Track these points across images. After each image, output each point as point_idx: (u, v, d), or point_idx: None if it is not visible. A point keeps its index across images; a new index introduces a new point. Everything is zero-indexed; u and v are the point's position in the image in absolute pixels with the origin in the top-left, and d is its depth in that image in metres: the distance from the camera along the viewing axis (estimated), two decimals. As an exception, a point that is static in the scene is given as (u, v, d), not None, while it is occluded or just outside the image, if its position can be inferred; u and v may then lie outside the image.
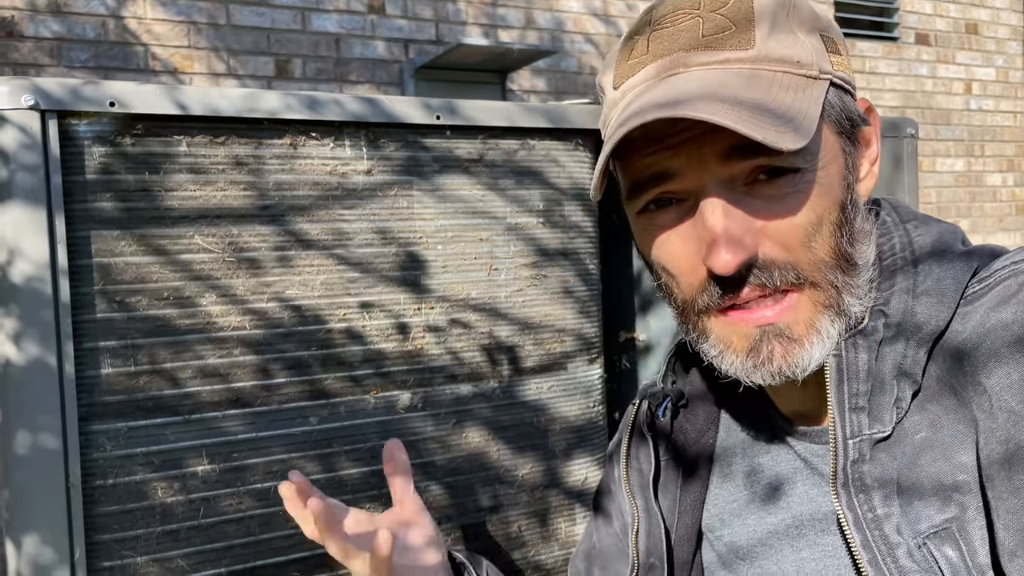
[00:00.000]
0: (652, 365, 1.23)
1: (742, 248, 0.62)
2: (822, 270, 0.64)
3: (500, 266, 1.04)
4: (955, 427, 0.62)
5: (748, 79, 0.62)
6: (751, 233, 0.63)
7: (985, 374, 0.60)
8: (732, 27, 0.64)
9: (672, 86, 0.63)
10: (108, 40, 3.28)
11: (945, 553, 0.60)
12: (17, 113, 0.80)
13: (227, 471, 0.90)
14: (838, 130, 0.66)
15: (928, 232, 0.70)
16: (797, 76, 0.64)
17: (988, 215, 5.74)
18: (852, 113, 0.67)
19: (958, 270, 0.67)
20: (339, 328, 0.95)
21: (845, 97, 0.67)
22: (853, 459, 0.64)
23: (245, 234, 0.90)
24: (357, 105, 0.94)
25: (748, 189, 0.63)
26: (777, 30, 0.64)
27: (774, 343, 0.65)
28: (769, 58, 0.64)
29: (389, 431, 0.98)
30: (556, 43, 4.16)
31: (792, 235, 0.63)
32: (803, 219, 0.63)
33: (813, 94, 0.64)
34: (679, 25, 0.65)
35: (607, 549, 0.89)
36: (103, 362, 0.84)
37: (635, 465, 0.82)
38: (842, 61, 0.68)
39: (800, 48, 0.65)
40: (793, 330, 0.65)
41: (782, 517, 0.74)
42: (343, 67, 3.70)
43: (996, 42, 5.85)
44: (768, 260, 0.63)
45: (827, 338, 0.65)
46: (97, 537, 0.84)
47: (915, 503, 0.61)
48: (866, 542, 0.62)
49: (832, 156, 0.65)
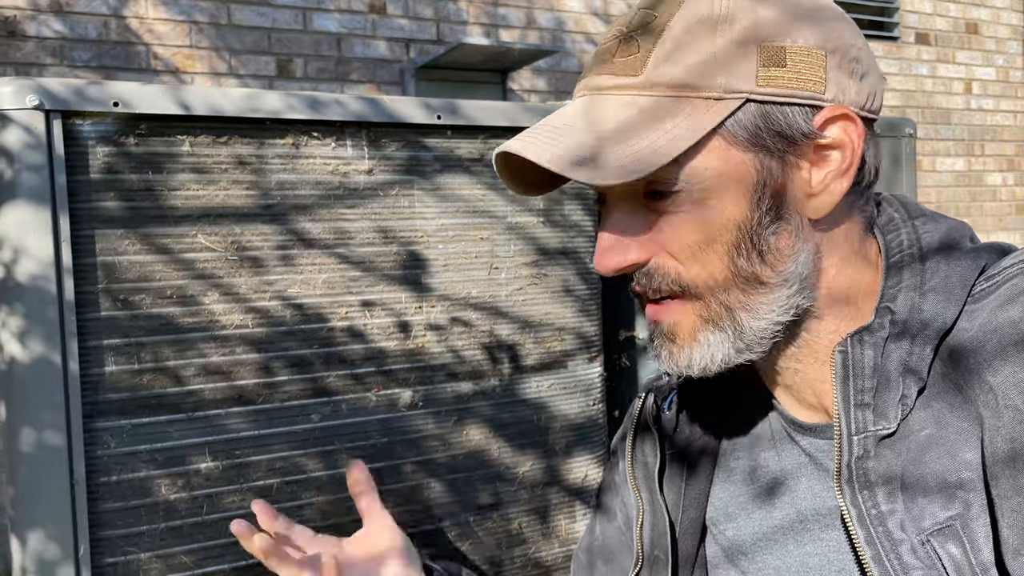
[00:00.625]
0: (651, 363, 1.24)
1: (617, 255, 0.68)
2: (708, 285, 0.67)
3: (501, 265, 1.04)
4: (960, 425, 0.62)
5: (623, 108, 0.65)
6: (640, 242, 0.68)
7: (991, 372, 0.60)
8: (637, 50, 0.66)
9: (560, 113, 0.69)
10: (110, 40, 3.29)
11: (948, 550, 0.60)
12: (22, 113, 0.81)
13: (230, 468, 0.91)
14: (751, 148, 0.64)
15: (936, 229, 0.70)
16: (683, 99, 0.64)
17: (988, 214, 5.75)
18: (786, 129, 0.65)
19: (966, 267, 0.66)
20: (341, 326, 0.96)
21: (777, 112, 0.64)
22: (858, 455, 0.64)
23: (247, 233, 0.91)
24: (359, 105, 0.95)
25: (647, 202, 0.67)
26: (681, 51, 0.64)
27: (660, 339, 0.71)
28: (655, 83, 0.65)
29: (390, 429, 0.98)
30: (557, 43, 4.16)
31: (679, 249, 0.67)
32: (687, 238, 0.66)
33: (701, 118, 0.63)
34: (608, 44, 0.69)
35: (610, 543, 0.89)
36: (107, 360, 0.85)
37: (640, 458, 0.83)
38: (784, 74, 0.64)
39: (702, 68, 0.64)
40: (675, 333, 0.69)
41: (786, 512, 0.74)
42: (344, 67, 3.71)
43: (996, 42, 5.85)
44: (654, 268, 0.68)
45: (707, 347, 0.68)
46: (101, 533, 0.85)
47: (919, 500, 0.62)
48: (869, 538, 0.62)
49: (730, 176, 0.65)
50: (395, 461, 0.99)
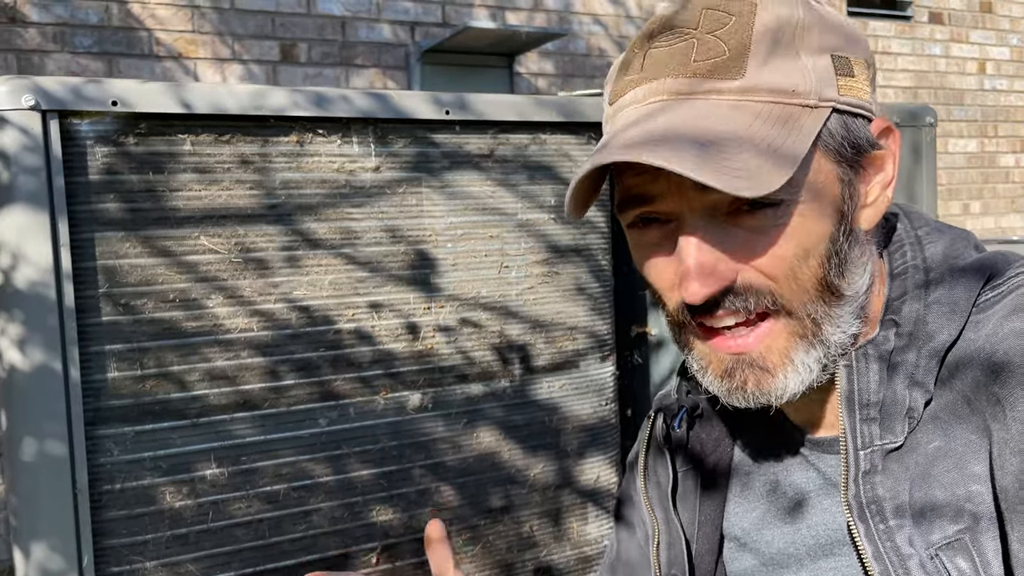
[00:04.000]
0: (665, 360, 1.21)
1: (713, 280, 0.62)
2: (802, 300, 0.63)
3: (511, 263, 1.02)
4: (968, 437, 0.61)
5: (730, 112, 0.60)
6: (726, 263, 0.62)
7: (999, 384, 0.59)
8: (725, 53, 0.61)
9: (651, 118, 0.62)
10: (111, 25, 3.26)
11: (958, 565, 0.59)
12: (17, 114, 0.78)
13: (236, 474, 0.89)
14: (836, 159, 0.63)
15: (940, 240, 0.69)
16: (789, 106, 0.61)
17: (1000, 196, 5.69)
18: (859, 139, 0.64)
19: (970, 278, 0.65)
20: (348, 329, 0.93)
21: (853, 123, 0.63)
22: (865, 470, 0.63)
23: (252, 234, 0.89)
24: (365, 101, 0.92)
25: (730, 218, 0.62)
26: (775, 56, 0.61)
27: (747, 372, 0.64)
28: (758, 88, 0.61)
29: (399, 432, 0.96)
30: (564, 25, 4.11)
31: (774, 267, 0.62)
32: (785, 251, 0.62)
33: (804, 126, 0.61)
34: (674, 46, 0.63)
35: (632, 559, 0.88)
36: (109, 366, 0.83)
37: (653, 478, 0.81)
38: (854, 84, 0.64)
39: (799, 75, 0.61)
40: (766, 359, 0.64)
41: (799, 527, 0.73)
42: (349, 51, 3.67)
43: (1011, 20, 5.76)
44: (745, 286, 0.62)
45: (801, 368, 0.64)
46: (105, 542, 0.84)
47: (927, 514, 0.61)
48: (878, 554, 0.61)
49: (824, 187, 0.63)
50: (404, 465, 0.97)
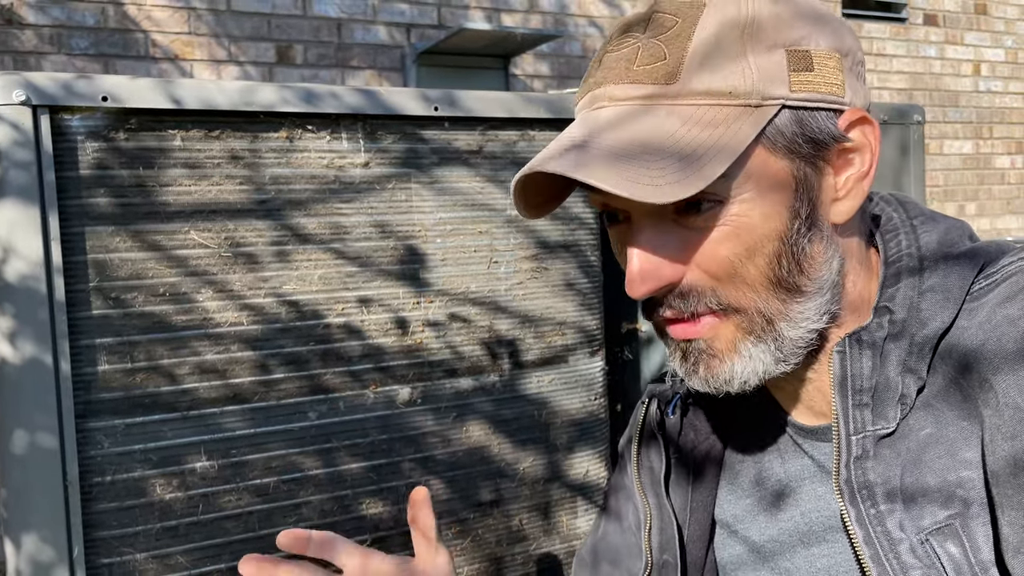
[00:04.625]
0: (655, 356, 1.22)
1: (653, 281, 0.63)
2: (750, 298, 0.64)
3: (500, 259, 1.03)
4: (960, 424, 0.62)
5: (662, 119, 0.61)
6: (670, 266, 0.63)
7: (991, 371, 0.60)
8: (664, 57, 0.62)
9: (585, 125, 0.64)
10: (108, 27, 3.26)
11: (948, 549, 0.59)
12: (8, 109, 0.79)
13: (226, 467, 0.90)
14: (788, 155, 0.63)
15: (935, 229, 0.70)
16: (726, 107, 0.61)
17: (996, 198, 5.70)
18: (817, 134, 0.63)
19: (964, 267, 0.66)
20: (338, 323, 0.94)
21: (809, 117, 0.63)
22: (856, 455, 0.64)
23: (241, 229, 0.89)
24: (354, 97, 0.93)
25: (678, 218, 0.63)
26: (713, 59, 0.62)
27: (695, 356, 0.67)
28: (693, 92, 0.61)
29: (389, 426, 0.97)
30: (560, 27, 4.12)
31: (717, 266, 0.63)
32: (728, 251, 0.62)
33: (742, 127, 0.61)
34: (622, 51, 0.64)
35: (616, 545, 0.89)
36: (99, 359, 0.84)
37: (646, 464, 0.82)
38: (812, 78, 0.63)
39: (738, 76, 0.61)
40: (713, 347, 0.66)
41: (792, 517, 0.74)
42: (344, 52, 3.68)
43: (1005, 22, 5.78)
44: (688, 287, 0.64)
45: (749, 358, 0.65)
46: (96, 534, 0.84)
47: (918, 499, 0.61)
48: (868, 538, 0.62)
49: (772, 184, 0.63)
50: (394, 459, 0.98)
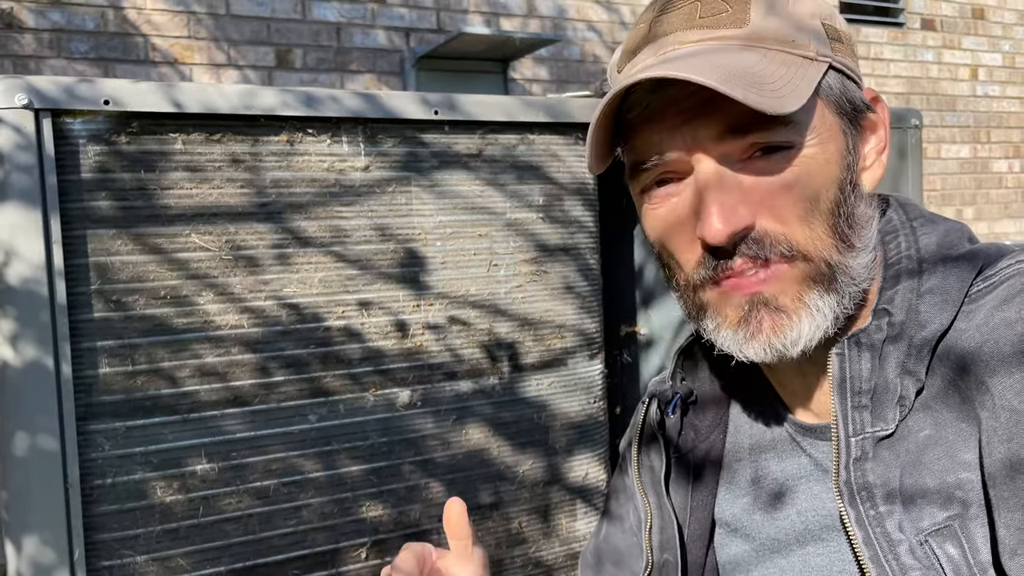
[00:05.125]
0: (654, 359, 1.22)
1: (734, 217, 0.63)
2: (816, 245, 0.64)
3: (500, 262, 1.03)
4: (958, 425, 0.62)
5: (740, 54, 0.63)
6: (745, 205, 0.63)
7: (988, 373, 0.60)
8: (728, 8, 0.65)
9: (666, 61, 0.64)
10: (108, 31, 3.27)
11: (947, 551, 0.60)
12: (10, 112, 0.79)
13: (226, 470, 0.90)
14: (838, 111, 0.66)
15: (934, 231, 0.70)
16: (792, 55, 0.64)
17: (993, 202, 5.71)
18: (854, 98, 0.67)
19: (963, 269, 0.66)
20: (338, 326, 0.94)
21: (847, 82, 0.67)
22: (856, 457, 0.64)
23: (242, 232, 0.90)
24: (354, 101, 0.94)
25: (744, 165, 0.64)
26: (773, 12, 0.65)
27: (762, 313, 0.65)
28: (763, 36, 0.64)
29: (389, 428, 0.97)
30: (558, 31, 4.13)
31: (788, 209, 0.64)
32: (799, 194, 0.63)
33: (808, 72, 0.64)
34: (679, 10, 0.67)
35: (620, 546, 0.89)
36: (100, 362, 0.84)
37: (646, 463, 0.82)
38: (844, 49, 0.68)
39: (796, 29, 0.65)
40: (780, 300, 0.65)
41: (787, 513, 0.74)
42: (344, 56, 3.68)
43: (1003, 27, 5.80)
44: (762, 232, 0.64)
45: (816, 312, 0.65)
46: (96, 537, 0.84)
47: (917, 501, 0.61)
48: (868, 539, 0.62)
49: (830, 135, 0.65)
50: (394, 461, 0.98)
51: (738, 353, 0.67)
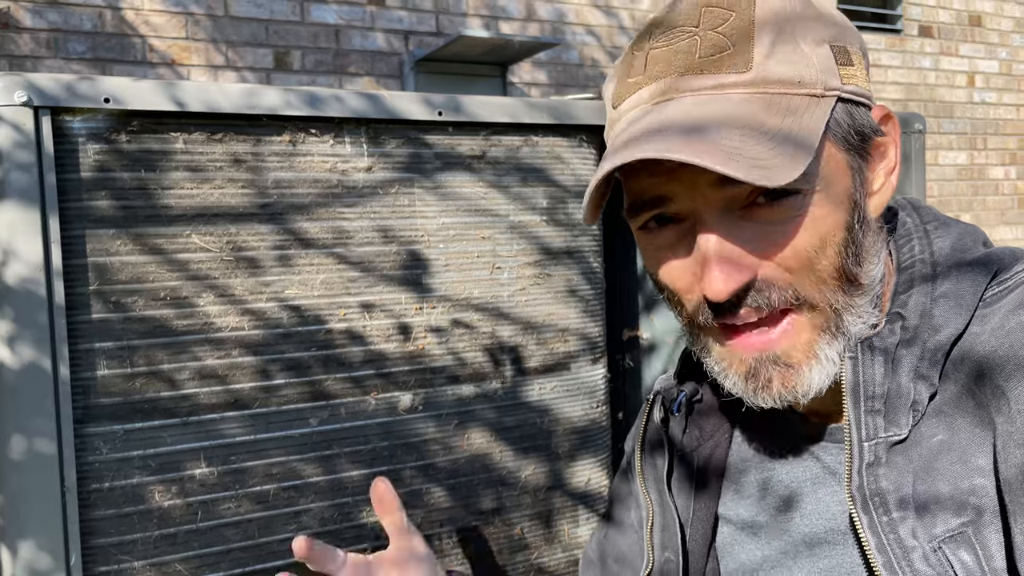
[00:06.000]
0: (656, 364, 1.21)
1: (736, 273, 0.61)
2: (822, 291, 0.63)
3: (503, 265, 1.02)
4: (972, 431, 0.61)
5: (742, 105, 0.60)
6: (747, 258, 0.62)
7: (1004, 378, 0.59)
8: (729, 47, 0.62)
9: (662, 116, 0.61)
10: (105, 31, 3.26)
11: (961, 557, 0.59)
12: (9, 110, 0.78)
13: (225, 474, 0.89)
14: (845, 147, 0.64)
15: (948, 234, 0.69)
16: (798, 97, 0.62)
17: (990, 208, 5.73)
18: (863, 127, 0.65)
19: (977, 273, 0.65)
20: (339, 328, 0.93)
21: (856, 111, 0.64)
22: (869, 462, 0.63)
23: (243, 233, 0.89)
24: (358, 101, 0.93)
25: (745, 213, 0.62)
26: (778, 48, 0.62)
27: (772, 370, 0.64)
28: (767, 80, 0.61)
29: (390, 433, 0.96)
30: (557, 35, 4.13)
31: (793, 258, 0.62)
32: (804, 242, 0.62)
33: (815, 115, 0.61)
34: (676, 45, 0.63)
35: (622, 543, 0.88)
36: (99, 364, 0.83)
37: (650, 461, 0.82)
38: (853, 72, 0.65)
39: (803, 65, 0.62)
40: (791, 356, 0.64)
41: (795, 517, 0.73)
42: (342, 59, 3.68)
43: (999, 34, 5.82)
44: (767, 282, 0.62)
45: (825, 361, 0.64)
46: (93, 542, 0.83)
47: (930, 507, 0.61)
48: (881, 545, 0.61)
49: (837, 175, 0.63)
50: (395, 466, 0.97)
51: (747, 400, 0.66)
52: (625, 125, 0.65)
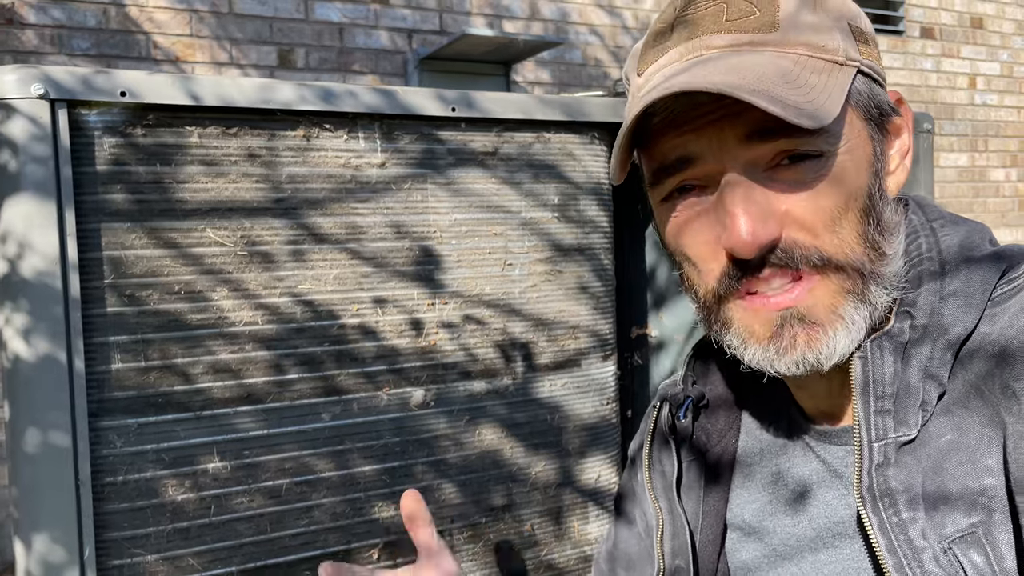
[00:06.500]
0: (665, 362, 1.22)
1: (762, 229, 0.61)
2: (847, 254, 0.63)
3: (514, 261, 1.02)
4: (981, 430, 0.61)
5: (771, 59, 0.62)
6: (773, 216, 0.62)
7: (1014, 377, 0.59)
8: (756, 11, 0.63)
9: (694, 66, 0.62)
10: (109, 28, 3.25)
11: (971, 558, 0.59)
12: (26, 102, 0.78)
13: (238, 468, 0.89)
14: (865, 117, 0.65)
15: (955, 232, 0.69)
16: (822, 60, 0.63)
17: (991, 210, 5.73)
18: (881, 102, 0.66)
19: (986, 271, 0.65)
20: (352, 324, 0.93)
21: (874, 86, 0.66)
22: (878, 463, 0.63)
23: (257, 227, 0.89)
24: (371, 97, 0.93)
25: (771, 173, 0.62)
26: (803, 15, 0.64)
27: (796, 328, 0.63)
28: (793, 41, 0.63)
29: (402, 428, 0.96)
30: (561, 34, 4.13)
31: (817, 218, 0.62)
32: (828, 202, 0.62)
33: (838, 78, 0.62)
34: (705, 11, 0.65)
35: (630, 551, 0.88)
36: (113, 357, 0.83)
37: (658, 468, 0.81)
38: (871, 51, 0.66)
39: (826, 33, 0.64)
40: (815, 314, 0.63)
41: (800, 519, 0.73)
42: (346, 57, 3.67)
43: (1001, 36, 5.82)
44: (791, 242, 0.62)
45: (851, 324, 0.63)
46: (107, 535, 0.83)
47: (940, 507, 0.60)
48: (891, 547, 0.61)
49: (858, 142, 0.64)
50: (406, 461, 0.97)
51: (768, 368, 0.65)
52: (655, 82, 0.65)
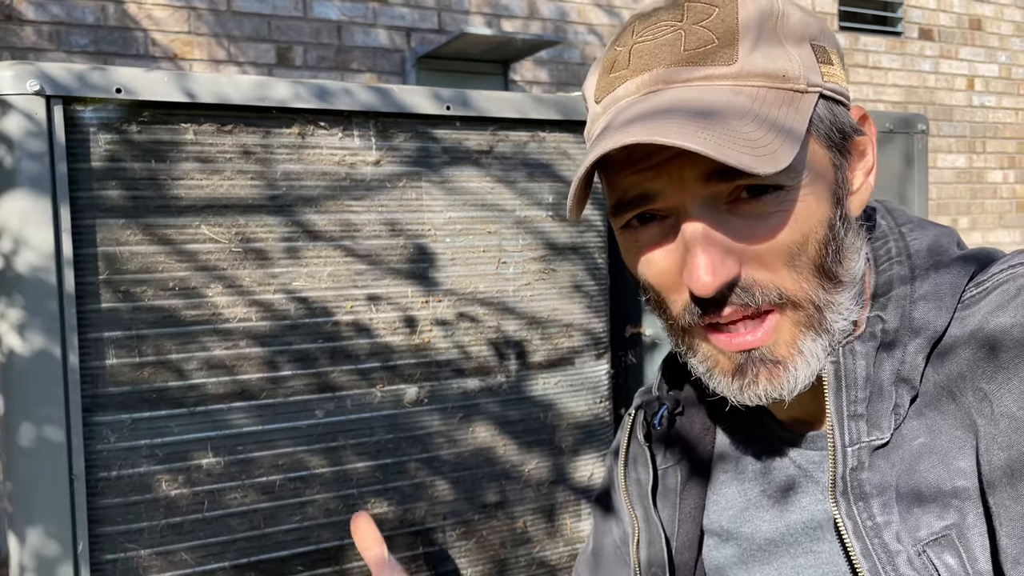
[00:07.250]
0: (658, 360, 1.22)
1: (722, 270, 0.61)
2: (803, 287, 0.63)
3: (508, 260, 1.03)
4: (953, 433, 0.61)
5: (730, 96, 0.60)
6: (732, 254, 0.61)
7: (985, 379, 0.59)
8: (714, 41, 0.62)
9: (650, 105, 0.61)
10: (108, 25, 3.25)
11: (945, 560, 0.59)
12: (22, 99, 0.79)
13: (232, 464, 0.89)
14: (827, 144, 0.64)
15: (924, 236, 0.69)
16: (782, 91, 0.62)
17: (988, 212, 5.74)
18: (844, 125, 0.65)
19: (955, 274, 0.65)
20: (346, 321, 0.94)
21: (836, 109, 0.65)
22: (852, 467, 0.63)
23: (252, 224, 0.89)
24: (367, 95, 0.93)
25: (730, 207, 0.62)
26: (762, 43, 0.62)
27: (758, 367, 0.64)
28: (752, 73, 0.61)
29: (395, 425, 0.97)
30: (559, 33, 4.13)
31: (775, 255, 0.62)
32: (787, 238, 0.61)
33: (800, 109, 0.61)
34: (661, 39, 0.63)
35: (608, 556, 0.88)
36: (107, 353, 0.83)
37: (633, 476, 0.81)
38: (833, 71, 0.65)
39: (786, 61, 0.62)
40: (776, 352, 0.64)
41: (778, 525, 0.73)
42: (344, 55, 3.68)
43: (999, 38, 5.83)
44: (750, 281, 0.62)
45: (811, 357, 0.64)
46: (100, 530, 0.84)
47: (914, 510, 0.60)
48: (866, 550, 0.61)
49: (819, 172, 0.63)
50: (400, 458, 0.97)
51: (733, 399, 0.66)
52: (612, 116, 0.64)
